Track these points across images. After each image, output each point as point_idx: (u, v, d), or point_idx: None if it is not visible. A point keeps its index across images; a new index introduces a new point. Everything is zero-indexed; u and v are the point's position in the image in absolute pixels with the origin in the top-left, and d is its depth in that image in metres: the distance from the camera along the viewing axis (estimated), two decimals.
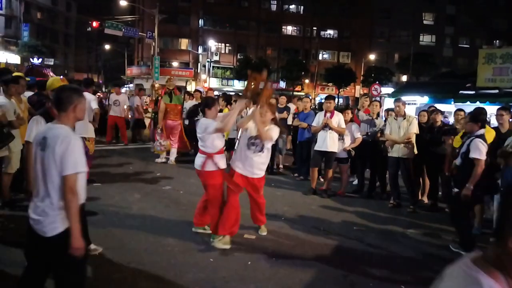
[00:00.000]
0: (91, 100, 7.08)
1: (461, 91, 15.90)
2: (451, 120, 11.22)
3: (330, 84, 42.72)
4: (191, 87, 33.15)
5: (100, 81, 52.96)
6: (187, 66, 43.38)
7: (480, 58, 15.98)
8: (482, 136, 4.95)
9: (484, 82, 15.64)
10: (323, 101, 8.89)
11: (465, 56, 47.05)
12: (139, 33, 30.50)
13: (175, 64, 42.72)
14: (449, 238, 5.59)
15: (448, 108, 14.31)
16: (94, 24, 24.39)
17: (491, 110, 9.07)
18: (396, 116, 7.06)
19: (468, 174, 4.85)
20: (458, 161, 5.18)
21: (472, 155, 4.85)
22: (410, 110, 13.24)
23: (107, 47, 51.62)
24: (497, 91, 14.53)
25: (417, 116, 7.61)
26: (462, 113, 7.04)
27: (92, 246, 4.25)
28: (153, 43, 29.61)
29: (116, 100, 12.00)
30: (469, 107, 9.48)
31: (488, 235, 5.65)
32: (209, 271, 4.11)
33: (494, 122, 7.82)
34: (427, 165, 7.22)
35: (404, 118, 6.92)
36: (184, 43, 44.99)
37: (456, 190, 5.07)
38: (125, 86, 41.11)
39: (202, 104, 5.05)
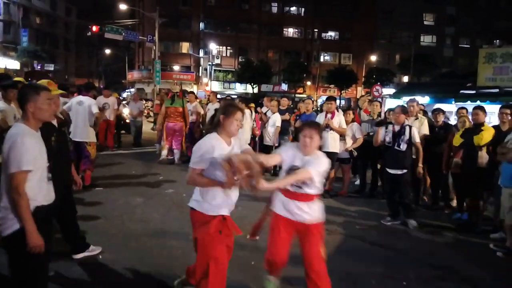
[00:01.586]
0: (91, 104, 7.15)
1: (461, 91, 15.92)
2: (452, 119, 11.24)
3: (332, 86, 42.78)
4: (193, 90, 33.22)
5: (101, 86, 53.07)
6: (189, 70, 43.51)
7: (480, 58, 15.99)
8: None
9: (484, 81, 15.65)
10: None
11: (466, 56, 47.02)
12: (140, 37, 30.59)
13: (176, 68, 42.85)
14: (450, 235, 5.63)
15: (449, 108, 14.33)
16: (94, 28, 24.39)
17: (492, 109, 9.09)
18: (407, 117, 7.02)
19: None
20: None
21: None
22: None
23: (107, 51, 51.80)
24: (497, 90, 14.54)
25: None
26: (464, 111, 7.07)
27: (91, 247, 4.31)
28: (154, 47, 29.69)
29: (106, 103, 11.94)
30: (470, 106, 9.50)
31: (488, 232, 5.68)
32: None
33: (493, 120, 7.85)
34: (428, 164, 7.23)
35: (416, 119, 6.91)
36: (185, 47, 45.11)
37: None
38: (126, 90, 41.22)
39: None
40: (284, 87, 42.73)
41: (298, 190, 3.31)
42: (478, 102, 12.83)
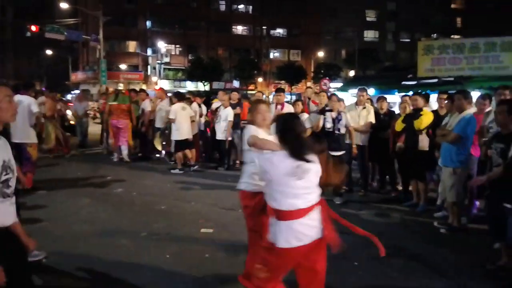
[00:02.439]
0: (31, 103, 6.79)
1: (403, 82, 16.66)
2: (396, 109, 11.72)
3: (283, 81, 43.34)
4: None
5: (43, 89, 50.49)
6: (137, 69, 42.43)
7: (419, 50, 16.76)
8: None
9: (424, 72, 16.43)
10: None
11: (406, 50, 49.10)
12: (83, 36, 29.43)
13: (123, 67, 41.63)
14: (397, 216, 5.87)
15: (393, 98, 14.93)
16: (33, 28, 23.10)
17: (432, 97, 9.59)
18: (356, 104, 7.32)
19: None
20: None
21: None
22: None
23: (49, 52, 49.31)
24: (436, 80, 15.32)
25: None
26: (406, 98, 7.40)
27: (34, 252, 4.09)
28: (99, 46, 28.64)
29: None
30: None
31: (432, 211, 5.97)
32: (166, 268, 4.06)
33: (433, 106, 8.24)
34: (375, 150, 7.48)
35: (364, 108, 7.20)
36: (132, 46, 43.92)
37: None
38: (71, 92, 39.53)
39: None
40: (236, 84, 42.73)
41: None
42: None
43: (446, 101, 6.17)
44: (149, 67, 41.95)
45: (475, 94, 6.50)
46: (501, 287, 3.86)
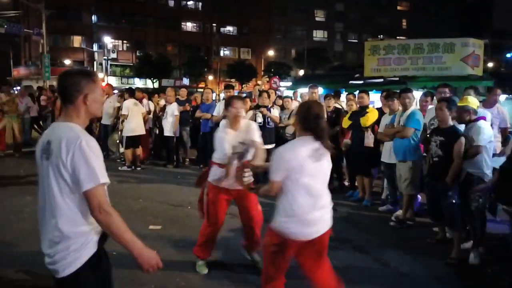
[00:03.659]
0: None
1: (351, 81, 17.19)
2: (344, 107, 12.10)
3: (233, 80, 43.35)
4: None
5: None
6: (82, 65, 40.78)
7: (366, 50, 17.37)
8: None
9: (370, 72, 17.06)
10: None
11: (354, 50, 50.81)
12: (25, 30, 27.91)
13: (68, 62, 39.90)
14: (344, 210, 6.07)
15: (341, 97, 15.40)
16: None
17: (377, 97, 9.98)
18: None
19: None
20: None
21: None
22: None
23: None
24: (381, 80, 15.93)
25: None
26: (351, 96, 7.69)
27: None
28: (42, 41, 27.25)
29: None
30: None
31: (377, 205, 6.24)
32: (114, 264, 3.96)
33: (377, 105, 8.61)
34: None
35: None
36: (77, 41, 42.19)
37: None
38: (13, 88, 37.34)
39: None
40: (186, 81, 42.23)
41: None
42: None
43: (388, 99, 6.36)
44: (95, 63, 40.49)
45: (418, 94, 6.83)
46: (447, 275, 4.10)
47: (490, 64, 42.81)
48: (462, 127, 4.50)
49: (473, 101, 4.44)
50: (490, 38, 39.44)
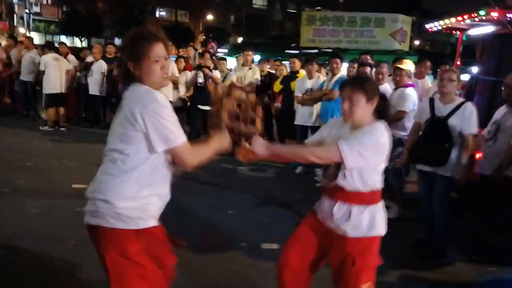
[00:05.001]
0: None
1: (287, 51, 17.36)
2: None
3: (170, 43, 41.84)
4: None
5: None
6: (0, 18, 37.12)
7: (303, 20, 17.60)
8: None
9: (306, 42, 17.36)
10: None
11: (293, 21, 50.93)
12: None
13: None
14: (272, 170, 6.25)
15: None
16: None
17: None
18: (242, 65, 7.44)
19: None
20: None
21: None
22: None
23: None
24: (316, 50, 16.26)
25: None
26: (278, 62, 7.83)
27: None
28: None
29: None
30: None
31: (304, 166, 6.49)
32: (33, 223, 3.82)
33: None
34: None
35: (250, 68, 7.34)
36: None
37: None
38: None
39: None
40: (118, 41, 40.07)
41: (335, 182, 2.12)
42: None
43: (307, 63, 6.49)
44: (15, 16, 37.04)
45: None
46: None
47: (417, 42, 45.22)
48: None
49: (411, 65, 4.68)
50: (419, 16, 41.55)
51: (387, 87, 4.79)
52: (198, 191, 5.07)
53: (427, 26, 5.95)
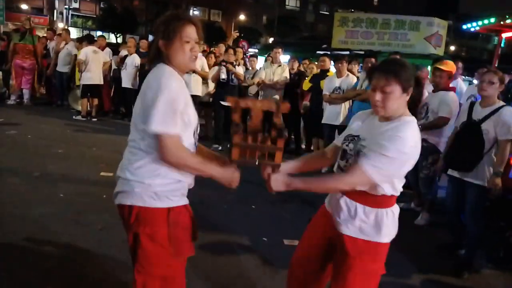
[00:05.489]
0: None
1: (318, 51, 17.21)
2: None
3: (201, 42, 42.29)
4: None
5: None
6: (41, 13, 38.41)
7: (335, 21, 17.38)
8: None
9: (338, 43, 17.14)
10: None
11: (325, 22, 50.50)
12: None
13: (25, 7, 37.46)
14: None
15: None
16: None
17: None
18: (272, 62, 7.42)
19: None
20: None
21: None
22: None
23: None
24: (348, 52, 16.04)
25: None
26: (306, 61, 8.01)
27: None
28: None
29: None
30: None
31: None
32: (59, 206, 3.91)
33: None
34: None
35: (279, 66, 7.32)
36: None
37: None
38: None
39: None
40: (151, 38, 40.83)
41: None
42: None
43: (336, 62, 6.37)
44: (55, 11, 38.28)
45: None
46: None
47: (452, 48, 44.00)
48: None
49: (452, 66, 4.39)
50: (455, 21, 40.38)
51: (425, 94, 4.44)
52: (221, 185, 5.07)
53: (464, 26, 5.76)
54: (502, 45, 5.98)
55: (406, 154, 1.79)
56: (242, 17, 45.46)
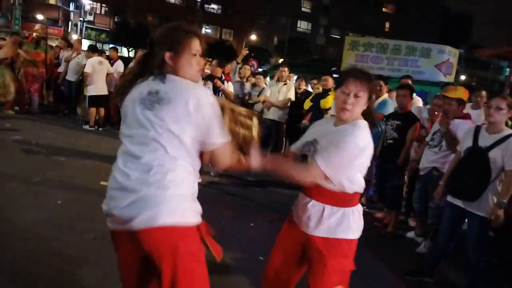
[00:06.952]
0: None
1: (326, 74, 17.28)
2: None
3: (211, 60, 42.74)
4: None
5: None
6: (56, 24, 39.17)
7: (346, 45, 17.49)
8: None
9: (347, 67, 17.22)
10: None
11: (335, 45, 51.05)
12: None
13: (40, 18, 38.26)
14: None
15: None
16: None
17: None
18: (277, 81, 7.40)
19: None
20: None
21: None
22: None
23: None
24: None
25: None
26: (315, 81, 8.01)
27: None
28: None
29: None
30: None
31: None
32: (54, 212, 3.85)
33: None
34: (291, 127, 7.63)
35: (285, 84, 7.29)
36: None
37: None
38: None
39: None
40: None
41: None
42: None
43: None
44: (70, 23, 39.06)
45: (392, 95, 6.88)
46: None
47: (463, 77, 44.07)
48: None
49: (462, 92, 4.31)
50: (466, 50, 40.51)
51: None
52: (222, 201, 5.01)
53: (476, 53, 5.70)
54: None
55: (356, 147, 1.92)
56: (253, 37, 46.04)
